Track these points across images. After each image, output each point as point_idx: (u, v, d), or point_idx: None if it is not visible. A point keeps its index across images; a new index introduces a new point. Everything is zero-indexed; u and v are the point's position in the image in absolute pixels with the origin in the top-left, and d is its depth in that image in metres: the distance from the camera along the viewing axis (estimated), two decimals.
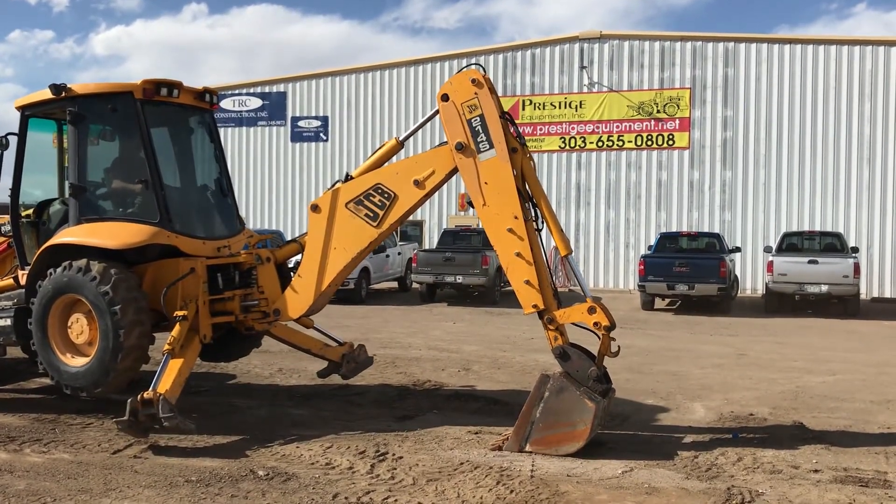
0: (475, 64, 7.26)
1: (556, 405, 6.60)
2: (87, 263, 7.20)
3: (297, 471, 6.21)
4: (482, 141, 6.96)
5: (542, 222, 7.06)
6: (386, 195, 7.29)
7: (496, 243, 7.01)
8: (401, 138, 7.58)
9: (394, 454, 6.65)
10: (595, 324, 6.70)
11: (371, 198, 7.32)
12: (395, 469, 6.27)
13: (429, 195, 7.36)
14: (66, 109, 7.74)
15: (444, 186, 7.27)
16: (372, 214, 7.33)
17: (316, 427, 7.54)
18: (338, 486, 5.88)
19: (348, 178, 7.52)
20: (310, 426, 7.58)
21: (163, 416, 6.54)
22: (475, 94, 6.96)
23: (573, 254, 7.26)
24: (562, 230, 7.10)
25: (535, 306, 6.82)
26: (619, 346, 6.83)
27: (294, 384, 9.59)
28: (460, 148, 7.01)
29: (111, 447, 6.75)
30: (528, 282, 6.82)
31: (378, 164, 7.54)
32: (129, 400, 6.64)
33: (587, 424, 6.51)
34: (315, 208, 7.53)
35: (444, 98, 7.09)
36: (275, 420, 7.83)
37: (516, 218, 6.86)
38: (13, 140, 8.08)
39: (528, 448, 6.65)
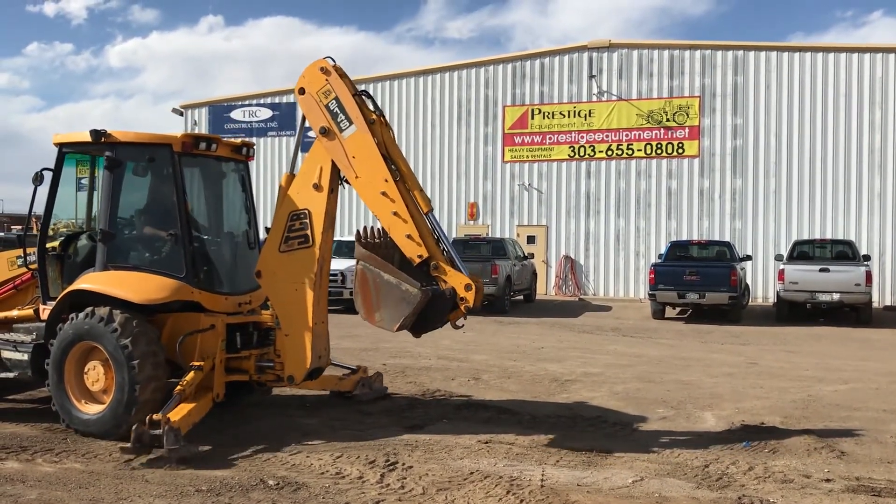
0: (327, 58, 7.58)
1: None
2: (109, 313, 7.18)
3: (308, 480, 6.22)
4: (342, 120, 7.47)
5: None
6: (301, 216, 7.59)
7: (374, 208, 7.40)
8: (290, 171, 7.83)
9: (403, 464, 6.65)
10: (461, 299, 7.25)
11: (292, 228, 7.61)
12: (405, 478, 6.27)
13: (334, 191, 7.63)
14: (103, 153, 7.76)
15: (454, 196, 7.36)
16: (302, 238, 7.57)
17: (326, 436, 7.55)
18: (348, 495, 5.88)
19: (267, 230, 7.79)
20: (320, 435, 7.59)
21: (168, 447, 6.52)
22: (326, 80, 7.49)
23: (438, 216, 7.39)
24: (421, 189, 7.51)
25: (419, 256, 7.24)
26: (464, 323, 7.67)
27: (304, 393, 9.59)
28: (324, 132, 7.48)
29: (122, 456, 6.77)
30: (409, 236, 7.24)
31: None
32: (134, 426, 6.64)
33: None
34: (258, 274, 7.74)
35: (301, 92, 7.58)
36: (285, 429, 7.84)
37: (387, 181, 7.30)
38: (48, 175, 7.99)
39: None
